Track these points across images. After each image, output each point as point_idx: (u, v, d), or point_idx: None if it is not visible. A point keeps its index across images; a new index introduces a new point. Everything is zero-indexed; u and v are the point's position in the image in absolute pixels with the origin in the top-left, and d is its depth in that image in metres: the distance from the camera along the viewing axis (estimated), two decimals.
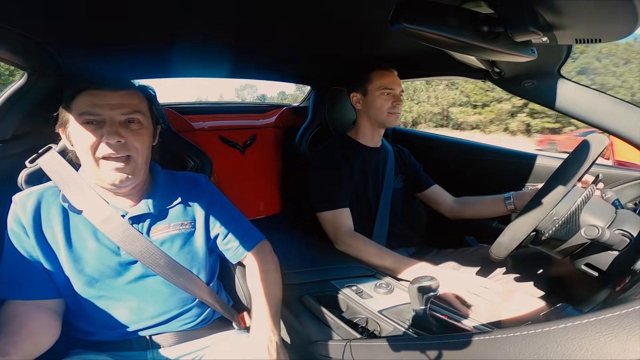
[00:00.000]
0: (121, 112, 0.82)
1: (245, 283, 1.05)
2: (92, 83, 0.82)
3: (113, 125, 0.81)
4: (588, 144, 0.87)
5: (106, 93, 0.82)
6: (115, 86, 0.83)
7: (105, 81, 0.83)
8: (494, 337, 0.58)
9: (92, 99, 0.80)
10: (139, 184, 0.90)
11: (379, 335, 0.91)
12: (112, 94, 0.82)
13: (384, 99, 1.40)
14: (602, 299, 0.79)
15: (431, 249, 1.52)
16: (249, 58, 1.42)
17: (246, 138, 1.82)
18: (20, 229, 0.81)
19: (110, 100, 0.81)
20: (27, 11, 0.76)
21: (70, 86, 0.83)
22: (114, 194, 0.88)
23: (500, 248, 0.90)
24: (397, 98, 1.41)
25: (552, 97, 1.11)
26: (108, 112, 0.81)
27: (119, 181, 0.83)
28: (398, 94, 1.42)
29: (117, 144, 0.80)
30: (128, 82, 0.87)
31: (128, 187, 0.87)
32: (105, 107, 0.81)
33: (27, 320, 0.76)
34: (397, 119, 1.44)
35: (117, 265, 0.86)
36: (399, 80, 1.44)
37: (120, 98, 0.83)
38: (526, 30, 0.59)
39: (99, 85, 0.82)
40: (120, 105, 0.82)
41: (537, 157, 1.56)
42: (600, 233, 0.79)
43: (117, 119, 0.82)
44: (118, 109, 0.82)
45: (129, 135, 0.83)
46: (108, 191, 0.88)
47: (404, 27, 0.55)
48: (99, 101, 0.80)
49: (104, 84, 0.82)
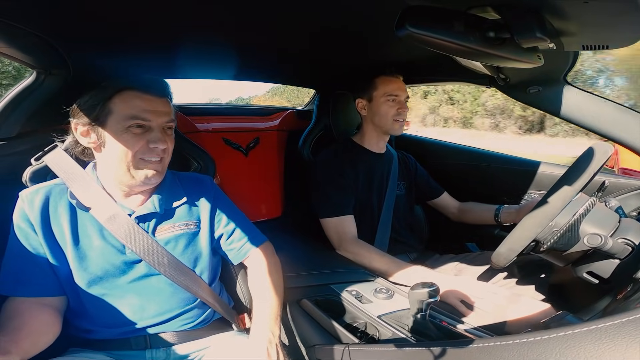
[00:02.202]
0: (165, 120, 0.86)
1: (246, 285, 1.05)
2: (140, 85, 0.83)
3: (161, 131, 0.85)
4: (592, 153, 0.86)
5: (152, 98, 0.84)
6: (161, 92, 0.86)
7: (153, 86, 0.85)
8: (493, 344, 0.58)
9: (139, 103, 0.82)
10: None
11: (377, 340, 0.90)
12: (158, 100, 0.85)
13: (389, 106, 1.39)
14: (603, 307, 0.79)
15: (432, 254, 1.52)
16: (254, 61, 1.42)
17: (249, 141, 1.83)
18: (27, 225, 0.81)
19: (157, 106, 0.84)
20: (38, 11, 0.78)
21: (108, 84, 0.83)
22: (124, 193, 0.89)
23: (500, 257, 0.90)
24: (403, 105, 1.40)
25: (557, 104, 1.11)
26: (156, 119, 0.84)
27: (151, 176, 0.86)
28: (403, 101, 1.41)
29: (162, 150, 0.85)
30: (169, 89, 0.90)
31: (151, 185, 0.90)
32: (153, 113, 0.83)
33: (29, 318, 0.77)
34: (402, 127, 1.43)
35: (122, 263, 0.86)
36: (405, 86, 1.43)
37: (164, 105, 0.86)
38: (533, 36, 0.59)
39: (147, 90, 0.84)
40: (165, 112, 0.86)
41: (542, 164, 1.56)
42: (603, 241, 0.79)
43: (162, 126, 0.86)
44: (164, 117, 0.86)
45: (167, 140, 0.87)
46: (119, 189, 0.88)
47: (409, 33, 0.55)
48: (147, 106, 0.82)
49: (152, 89, 0.84)
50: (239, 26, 0.96)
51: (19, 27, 0.82)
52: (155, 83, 0.87)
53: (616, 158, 4.09)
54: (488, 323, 0.97)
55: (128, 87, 0.82)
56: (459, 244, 1.73)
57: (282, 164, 1.90)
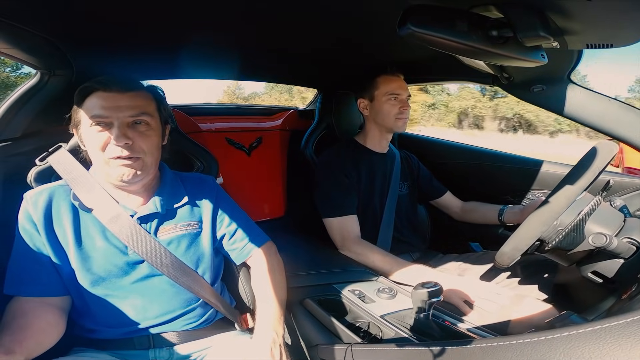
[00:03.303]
0: (129, 114, 0.82)
1: (249, 284, 1.05)
2: (102, 84, 0.82)
3: (121, 127, 0.81)
4: (597, 151, 0.86)
5: (115, 95, 0.82)
6: (124, 87, 0.84)
7: (114, 82, 0.83)
8: (497, 344, 0.58)
9: (101, 101, 0.81)
10: (148, 181, 0.91)
11: (380, 340, 0.90)
12: (121, 96, 0.83)
13: (391, 105, 1.40)
14: (607, 307, 0.79)
15: (435, 254, 1.52)
16: (257, 61, 1.42)
17: (252, 140, 1.83)
18: (31, 225, 0.82)
19: (119, 102, 0.82)
20: (42, 12, 0.78)
21: (82, 87, 0.84)
22: (124, 192, 0.89)
23: (504, 257, 0.89)
24: (405, 103, 1.41)
25: (561, 103, 1.10)
26: (115, 114, 0.81)
27: (127, 177, 0.83)
28: (405, 99, 1.41)
29: (124, 145, 0.81)
30: (136, 83, 0.87)
31: (138, 184, 0.88)
32: (113, 109, 0.81)
33: (33, 318, 0.77)
34: (405, 124, 1.44)
35: (125, 264, 0.86)
36: (406, 85, 1.43)
37: (129, 100, 0.83)
38: (536, 35, 0.58)
39: (108, 87, 0.82)
40: (128, 107, 0.83)
41: (545, 163, 1.55)
42: (608, 241, 0.79)
43: (124, 120, 0.82)
44: (126, 111, 0.82)
45: (137, 136, 0.83)
46: (118, 190, 0.89)
47: (412, 32, 0.55)
48: (107, 103, 0.81)
49: (113, 86, 0.83)
50: (240, 26, 0.97)
51: (23, 29, 0.82)
52: (118, 79, 0.84)
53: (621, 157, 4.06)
54: (491, 323, 0.96)
55: (95, 87, 0.82)
56: (462, 244, 1.73)
57: (285, 163, 1.90)
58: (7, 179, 0.94)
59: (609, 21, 0.60)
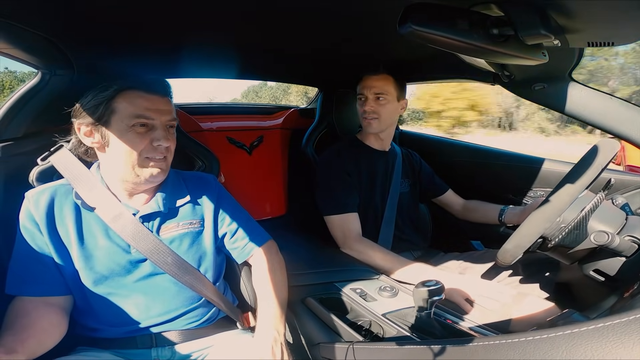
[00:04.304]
0: (168, 118, 0.87)
1: (250, 283, 1.06)
2: (141, 85, 0.84)
3: (164, 130, 0.86)
4: (599, 149, 0.85)
5: (155, 97, 0.85)
6: (164, 91, 0.88)
7: (155, 85, 0.86)
8: (499, 343, 0.58)
9: (143, 102, 0.83)
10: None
11: (382, 338, 0.90)
12: (161, 99, 0.86)
13: (360, 104, 1.41)
14: (609, 305, 0.79)
15: (437, 252, 1.52)
16: (257, 60, 1.42)
17: (253, 139, 1.83)
18: (33, 225, 0.82)
19: (160, 105, 0.85)
20: (43, 12, 0.78)
21: (110, 85, 0.83)
22: (128, 192, 0.90)
23: (506, 255, 0.89)
24: (368, 102, 1.38)
25: (562, 101, 1.10)
26: (159, 117, 0.85)
27: (154, 175, 0.87)
28: (370, 97, 1.38)
29: (165, 148, 0.86)
30: (170, 89, 0.91)
31: (156, 183, 0.91)
32: (157, 111, 0.84)
33: (36, 317, 0.77)
34: (370, 125, 1.40)
35: (127, 263, 0.87)
36: (376, 83, 1.38)
37: (167, 104, 0.88)
38: (537, 33, 0.58)
39: (149, 89, 0.84)
40: (168, 111, 0.87)
41: (547, 161, 1.55)
42: (610, 239, 0.79)
43: (165, 124, 0.86)
44: (166, 115, 0.87)
45: (170, 139, 0.88)
46: (123, 189, 0.89)
47: (412, 30, 0.55)
48: (151, 105, 0.83)
49: (153, 88, 0.85)
50: (240, 25, 0.97)
51: (24, 28, 0.82)
52: (158, 82, 0.88)
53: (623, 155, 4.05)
54: (493, 322, 0.96)
55: (131, 87, 0.83)
56: (463, 242, 1.73)
57: (286, 162, 1.90)
58: (9, 178, 0.94)
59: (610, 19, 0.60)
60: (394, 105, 1.40)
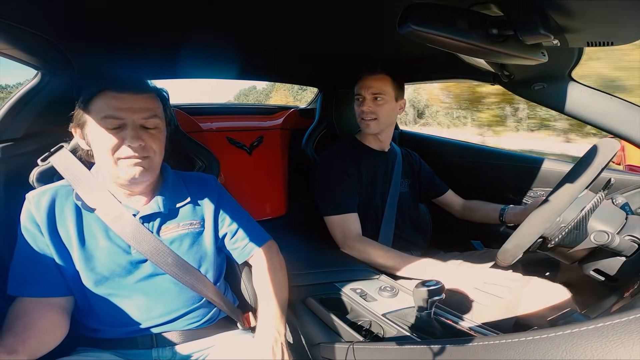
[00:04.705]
0: (142, 116, 0.83)
1: (251, 284, 1.06)
2: (113, 85, 0.82)
3: (135, 129, 0.82)
4: (598, 149, 0.85)
5: (127, 96, 0.82)
6: (137, 89, 0.84)
7: (127, 83, 0.83)
8: (499, 342, 0.58)
9: (114, 102, 0.81)
10: (152, 182, 0.91)
11: (382, 338, 0.90)
12: (134, 97, 0.83)
13: (357, 105, 1.41)
14: (609, 305, 0.79)
15: (437, 252, 1.52)
16: (257, 60, 1.42)
17: (253, 139, 1.83)
18: (34, 226, 0.82)
19: (132, 103, 0.82)
20: (43, 13, 0.78)
21: (88, 87, 0.83)
22: (126, 193, 0.89)
23: (506, 254, 0.89)
24: (365, 103, 1.38)
25: (562, 101, 1.10)
26: (130, 116, 0.82)
27: (136, 176, 0.83)
28: (368, 97, 1.37)
29: (138, 147, 0.82)
30: (148, 85, 0.88)
31: (143, 184, 0.88)
32: (127, 110, 0.81)
33: (37, 318, 0.77)
34: (368, 126, 1.39)
35: (128, 263, 0.87)
36: (374, 83, 1.37)
37: (141, 101, 0.84)
38: (536, 33, 0.58)
39: (121, 88, 0.82)
40: (142, 109, 0.83)
41: (546, 161, 1.55)
42: (610, 239, 0.79)
43: (138, 122, 0.83)
44: (140, 113, 0.83)
45: (148, 138, 0.84)
46: (121, 190, 0.89)
47: (412, 30, 0.55)
48: (121, 104, 0.81)
49: (126, 87, 0.83)
50: (240, 26, 0.97)
51: (23, 29, 0.82)
52: (132, 80, 0.85)
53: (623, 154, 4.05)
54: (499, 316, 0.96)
55: (104, 87, 0.82)
56: (463, 242, 1.73)
57: (286, 162, 1.90)
58: (9, 179, 0.94)
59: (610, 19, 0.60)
60: (391, 105, 1.40)
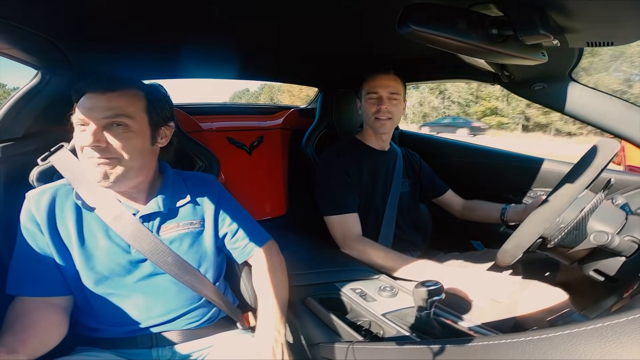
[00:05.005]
0: (102, 116, 0.79)
1: (250, 283, 1.06)
2: (87, 85, 0.81)
3: (95, 129, 0.78)
4: (598, 150, 0.85)
5: (96, 95, 0.80)
6: (103, 88, 0.81)
7: (96, 83, 0.81)
8: (498, 342, 0.58)
9: (84, 102, 0.80)
10: (139, 183, 0.89)
11: (381, 338, 0.90)
12: (101, 96, 0.80)
13: (370, 104, 1.39)
14: (609, 305, 0.78)
15: (437, 252, 1.52)
16: (257, 60, 1.43)
17: (253, 139, 1.83)
18: (34, 225, 0.82)
19: (96, 103, 0.79)
20: (43, 12, 0.78)
21: (74, 89, 0.83)
22: (123, 194, 0.89)
23: (506, 255, 0.89)
24: (382, 101, 1.36)
25: (562, 101, 1.10)
26: (91, 115, 0.79)
27: (101, 178, 0.80)
28: (385, 97, 1.36)
29: (96, 148, 0.78)
30: (118, 83, 0.83)
31: (122, 186, 0.85)
32: (90, 109, 0.79)
33: (37, 317, 0.77)
34: (384, 125, 1.39)
35: (128, 263, 0.87)
36: (390, 82, 1.37)
37: (107, 100, 0.80)
38: (536, 33, 0.58)
39: (91, 88, 0.81)
40: (104, 108, 0.79)
41: (546, 161, 1.55)
42: (610, 239, 0.79)
43: (99, 122, 0.79)
44: (101, 112, 0.79)
45: (113, 138, 0.80)
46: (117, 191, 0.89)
47: (412, 30, 0.55)
48: (88, 104, 0.80)
49: (94, 87, 0.81)
50: (240, 26, 0.97)
51: (23, 29, 0.83)
52: (103, 80, 0.82)
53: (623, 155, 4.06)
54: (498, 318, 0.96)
55: (84, 90, 0.81)
56: (463, 242, 1.73)
57: (286, 162, 1.90)
58: (9, 178, 0.94)
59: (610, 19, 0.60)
60: (402, 105, 1.42)
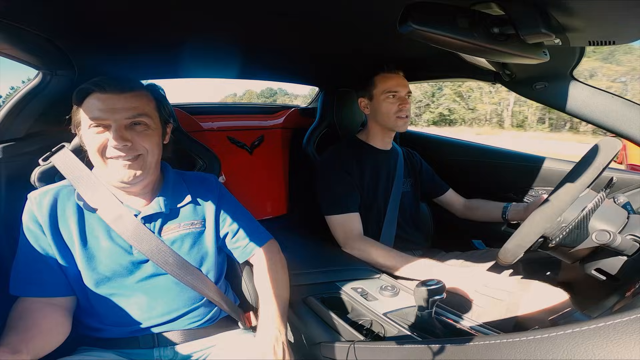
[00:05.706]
0: (126, 116, 0.82)
1: (252, 283, 1.06)
2: (97, 86, 0.82)
3: (118, 129, 0.81)
4: (599, 149, 0.85)
5: (111, 96, 0.82)
6: (120, 89, 0.83)
7: (110, 84, 0.82)
8: (500, 342, 0.58)
9: (98, 103, 0.81)
10: (150, 182, 0.91)
11: (383, 337, 0.90)
12: (117, 97, 0.82)
13: (390, 103, 1.39)
14: (611, 304, 0.78)
15: (438, 252, 1.52)
16: (258, 59, 1.42)
17: (254, 139, 1.83)
18: (37, 226, 0.82)
19: (116, 103, 0.81)
20: (43, 13, 0.78)
21: (79, 89, 0.83)
22: (126, 193, 0.90)
23: (507, 254, 0.89)
24: (404, 100, 1.39)
25: (564, 100, 1.10)
26: (113, 116, 0.81)
27: (128, 178, 0.83)
28: (404, 96, 1.39)
29: (123, 147, 0.81)
30: (132, 84, 0.86)
31: (139, 185, 0.88)
32: (110, 111, 0.81)
33: (40, 318, 0.78)
34: (407, 123, 1.42)
35: (129, 264, 0.87)
36: (405, 82, 1.41)
37: (125, 101, 0.83)
38: (538, 32, 0.58)
39: (104, 88, 0.82)
40: (125, 108, 0.82)
41: (548, 160, 1.55)
42: (612, 238, 0.78)
43: (122, 122, 0.81)
44: (123, 112, 0.82)
45: (135, 137, 0.83)
46: (121, 190, 0.89)
47: (413, 29, 0.55)
48: (104, 105, 0.81)
49: (109, 87, 0.82)
50: (241, 25, 0.96)
51: (24, 29, 0.82)
52: (115, 80, 0.84)
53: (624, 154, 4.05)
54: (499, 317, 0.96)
55: (91, 89, 0.82)
56: (465, 241, 1.72)
57: (287, 161, 1.90)
58: (11, 179, 0.94)
59: (612, 18, 0.60)
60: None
